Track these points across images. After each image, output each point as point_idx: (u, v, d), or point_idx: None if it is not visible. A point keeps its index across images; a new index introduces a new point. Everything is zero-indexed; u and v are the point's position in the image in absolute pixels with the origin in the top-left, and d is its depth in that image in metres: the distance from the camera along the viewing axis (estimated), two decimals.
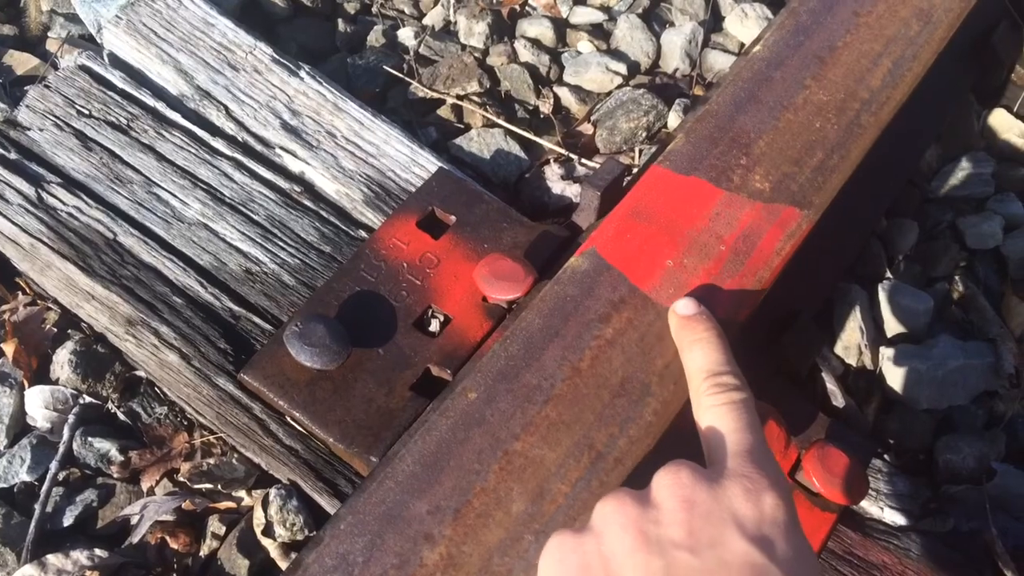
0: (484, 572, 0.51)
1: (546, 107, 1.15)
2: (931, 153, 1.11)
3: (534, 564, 0.52)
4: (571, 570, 0.45)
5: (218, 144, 0.99)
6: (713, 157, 0.69)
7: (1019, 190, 1.10)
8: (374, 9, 1.25)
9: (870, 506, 0.86)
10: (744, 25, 1.21)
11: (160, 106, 1.01)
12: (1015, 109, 1.16)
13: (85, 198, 0.94)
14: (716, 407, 0.52)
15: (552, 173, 1.07)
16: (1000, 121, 1.15)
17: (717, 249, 0.64)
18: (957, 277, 1.03)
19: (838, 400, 0.91)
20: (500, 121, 1.11)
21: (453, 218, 0.93)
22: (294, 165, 0.99)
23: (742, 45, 1.22)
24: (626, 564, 0.44)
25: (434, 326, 0.88)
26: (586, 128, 1.13)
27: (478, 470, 0.54)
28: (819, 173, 0.69)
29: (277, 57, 1.05)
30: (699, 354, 0.55)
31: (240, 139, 1.00)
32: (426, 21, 1.24)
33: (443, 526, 0.52)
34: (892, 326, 0.97)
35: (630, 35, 1.21)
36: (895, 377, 0.94)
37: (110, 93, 1.01)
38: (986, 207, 1.08)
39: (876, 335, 0.97)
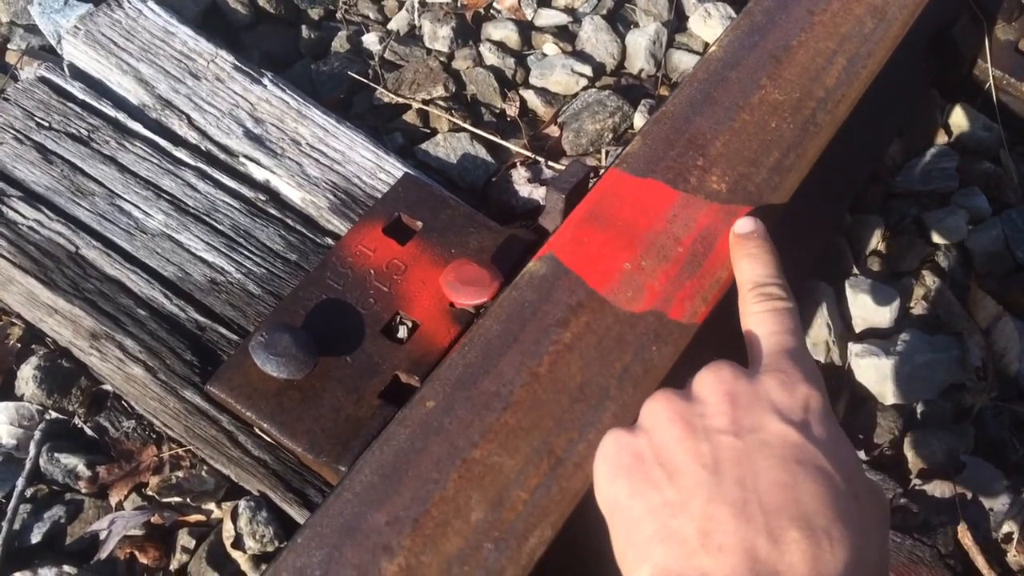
0: None
1: (512, 110, 1.15)
2: (895, 148, 1.12)
3: (494, 572, 0.52)
4: (626, 462, 0.49)
5: (181, 154, 0.98)
6: (670, 159, 0.69)
7: (983, 184, 1.11)
8: (338, 15, 1.25)
9: None
10: (708, 25, 1.21)
11: (121, 117, 1.00)
12: (977, 103, 1.17)
13: (46, 211, 0.93)
14: (759, 313, 0.56)
15: (519, 176, 1.07)
16: (963, 115, 1.16)
17: (675, 251, 0.65)
18: (923, 272, 1.04)
19: None
20: (466, 125, 1.10)
21: (420, 224, 0.92)
22: (259, 173, 0.98)
23: (706, 45, 1.22)
24: (676, 451, 0.48)
25: (402, 332, 0.87)
26: (553, 130, 1.13)
27: (437, 479, 0.54)
28: (775, 173, 0.69)
29: (239, 65, 1.04)
30: (748, 267, 0.60)
31: (203, 148, 0.99)
32: (391, 26, 1.24)
33: (402, 536, 0.52)
34: (859, 322, 0.98)
35: (595, 37, 1.21)
36: (863, 372, 0.94)
37: (70, 105, 1.00)
38: (951, 201, 1.09)
39: (844, 331, 0.98)
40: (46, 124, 0.99)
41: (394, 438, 0.56)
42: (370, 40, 1.21)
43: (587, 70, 1.17)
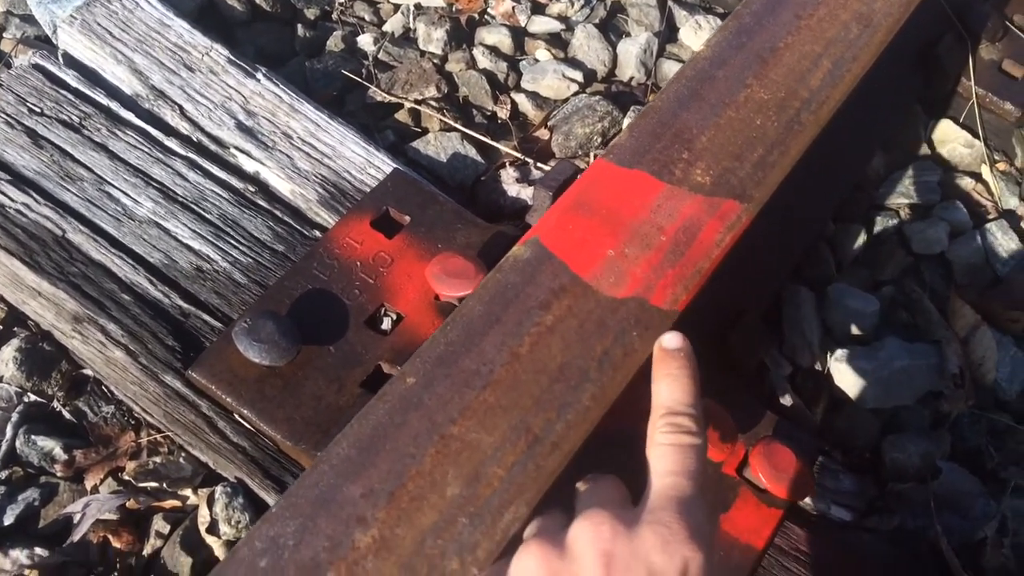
0: (417, 554, 0.51)
1: (503, 112, 1.16)
2: (878, 161, 1.14)
3: (467, 545, 0.51)
4: None
5: (172, 143, 0.98)
6: (656, 151, 0.70)
7: (964, 198, 1.13)
8: (334, 15, 1.26)
9: (817, 503, 0.87)
10: (698, 36, 1.23)
11: (114, 105, 1.00)
12: (961, 119, 1.19)
13: (34, 195, 0.93)
14: (663, 446, 0.52)
15: (508, 176, 1.07)
16: (946, 131, 1.18)
17: (658, 239, 0.65)
18: (904, 281, 1.05)
19: (786, 399, 0.92)
20: (457, 125, 1.11)
21: (407, 218, 0.93)
22: (249, 165, 0.98)
23: None
24: None
25: (386, 324, 0.88)
26: (542, 133, 1.14)
27: (414, 454, 0.54)
28: (759, 168, 0.70)
29: (233, 59, 1.05)
30: (666, 388, 0.56)
31: (194, 139, 1.00)
32: (386, 28, 1.25)
33: (376, 509, 0.52)
34: (839, 328, 0.99)
35: (587, 44, 1.23)
36: (842, 377, 0.95)
37: (63, 92, 1.01)
38: (932, 214, 1.10)
39: (824, 336, 0.99)
40: (38, 110, 0.99)
41: (373, 412, 0.56)
42: (365, 41, 1.22)
43: (578, 76, 1.19)
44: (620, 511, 0.49)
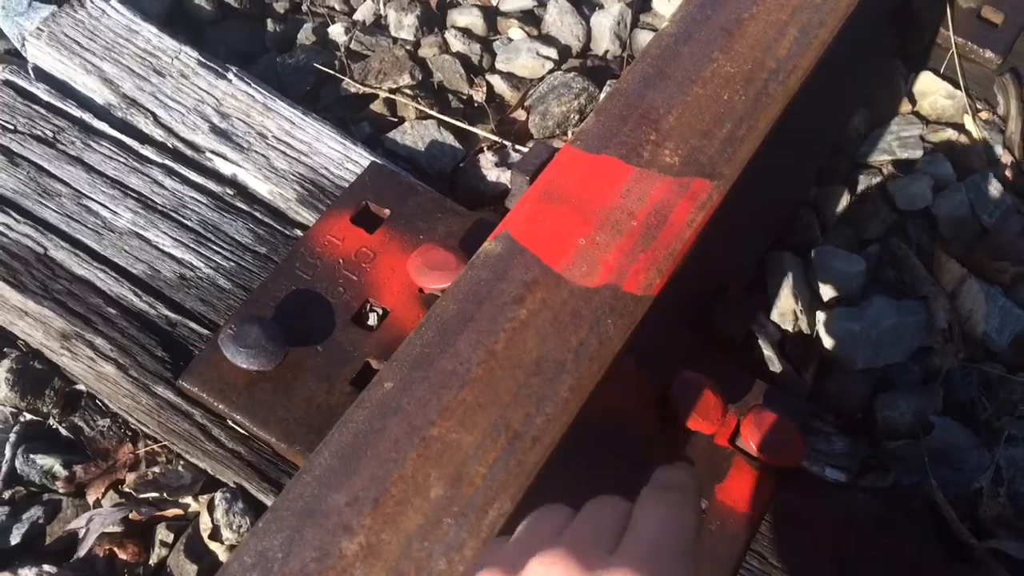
0: (403, 558, 0.52)
1: (479, 96, 1.15)
2: (859, 119, 1.13)
3: (454, 545, 0.52)
4: None
5: (147, 152, 0.98)
6: (623, 134, 0.70)
7: (947, 150, 1.12)
8: (304, 7, 1.25)
9: (811, 466, 0.87)
10: (671, 4, 1.21)
11: (87, 117, 1.00)
12: (941, 71, 1.18)
13: (13, 214, 0.93)
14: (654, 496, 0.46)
15: (487, 161, 1.07)
16: (927, 83, 1.17)
17: (629, 224, 0.65)
18: (889, 239, 1.04)
19: (775, 366, 0.92)
20: (433, 112, 1.11)
21: (387, 211, 0.93)
22: (225, 168, 0.98)
23: None
24: None
25: (372, 320, 0.88)
26: (520, 114, 1.13)
27: (395, 458, 0.55)
28: (728, 144, 0.70)
29: (204, 60, 1.04)
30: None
31: (170, 145, 1.00)
32: (356, 16, 1.24)
33: (362, 516, 0.53)
34: (826, 290, 0.99)
35: (560, 19, 1.22)
36: (831, 339, 0.95)
37: (35, 107, 1.00)
38: (916, 169, 1.10)
39: (811, 300, 0.99)
40: (11, 127, 0.99)
41: (353, 420, 0.56)
42: (336, 31, 1.21)
43: (553, 53, 1.18)
44: (582, 552, 0.42)
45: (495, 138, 1.09)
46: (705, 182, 0.68)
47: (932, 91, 1.16)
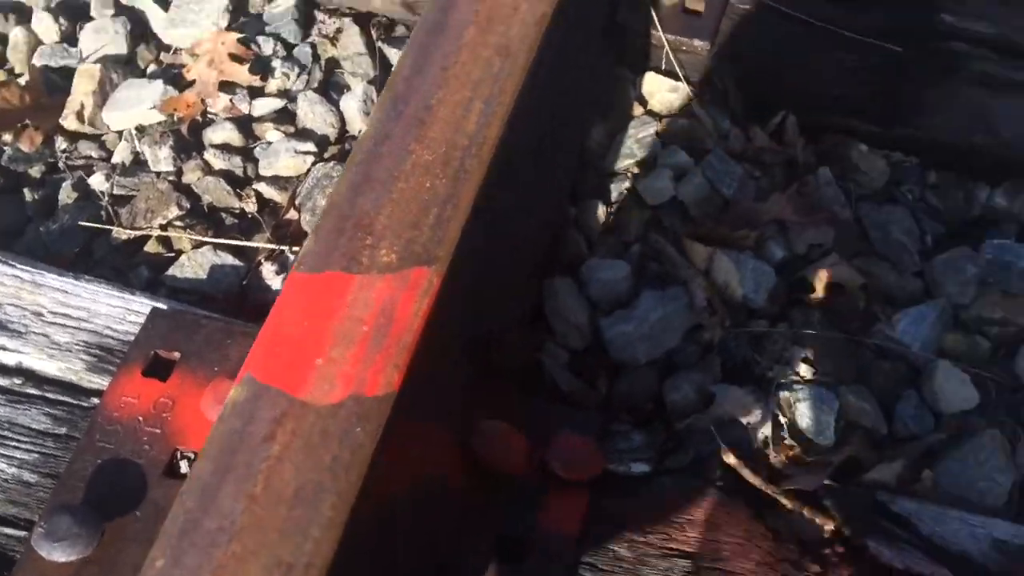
0: None
1: (251, 207, 1.20)
2: (598, 132, 1.23)
3: None
4: None
5: None
6: (341, 247, 0.76)
7: (681, 140, 1.24)
8: (59, 164, 1.26)
9: (617, 467, 0.96)
10: None
11: None
12: (662, 67, 1.29)
13: None
14: None
15: (268, 271, 1.12)
16: (652, 83, 1.28)
17: (360, 331, 0.72)
18: (648, 235, 1.15)
19: (565, 385, 1.01)
20: (207, 238, 1.15)
21: (177, 354, 0.97)
22: (8, 359, 1.00)
23: None
24: None
25: (185, 467, 0.91)
26: (292, 215, 1.18)
27: None
28: (437, 228, 0.77)
29: None
30: None
31: None
32: (115, 159, 1.26)
33: None
34: (601, 301, 1.08)
35: (311, 111, 1.27)
36: (613, 344, 1.05)
37: None
38: (656, 164, 1.21)
39: (591, 312, 1.08)
40: None
41: None
42: (96, 181, 1.23)
43: (311, 147, 1.23)
44: None
45: (271, 247, 1.14)
46: (423, 269, 0.75)
47: (658, 88, 1.27)
